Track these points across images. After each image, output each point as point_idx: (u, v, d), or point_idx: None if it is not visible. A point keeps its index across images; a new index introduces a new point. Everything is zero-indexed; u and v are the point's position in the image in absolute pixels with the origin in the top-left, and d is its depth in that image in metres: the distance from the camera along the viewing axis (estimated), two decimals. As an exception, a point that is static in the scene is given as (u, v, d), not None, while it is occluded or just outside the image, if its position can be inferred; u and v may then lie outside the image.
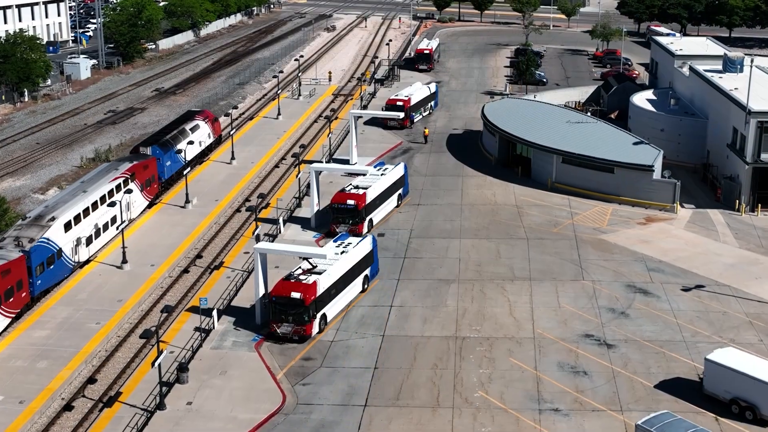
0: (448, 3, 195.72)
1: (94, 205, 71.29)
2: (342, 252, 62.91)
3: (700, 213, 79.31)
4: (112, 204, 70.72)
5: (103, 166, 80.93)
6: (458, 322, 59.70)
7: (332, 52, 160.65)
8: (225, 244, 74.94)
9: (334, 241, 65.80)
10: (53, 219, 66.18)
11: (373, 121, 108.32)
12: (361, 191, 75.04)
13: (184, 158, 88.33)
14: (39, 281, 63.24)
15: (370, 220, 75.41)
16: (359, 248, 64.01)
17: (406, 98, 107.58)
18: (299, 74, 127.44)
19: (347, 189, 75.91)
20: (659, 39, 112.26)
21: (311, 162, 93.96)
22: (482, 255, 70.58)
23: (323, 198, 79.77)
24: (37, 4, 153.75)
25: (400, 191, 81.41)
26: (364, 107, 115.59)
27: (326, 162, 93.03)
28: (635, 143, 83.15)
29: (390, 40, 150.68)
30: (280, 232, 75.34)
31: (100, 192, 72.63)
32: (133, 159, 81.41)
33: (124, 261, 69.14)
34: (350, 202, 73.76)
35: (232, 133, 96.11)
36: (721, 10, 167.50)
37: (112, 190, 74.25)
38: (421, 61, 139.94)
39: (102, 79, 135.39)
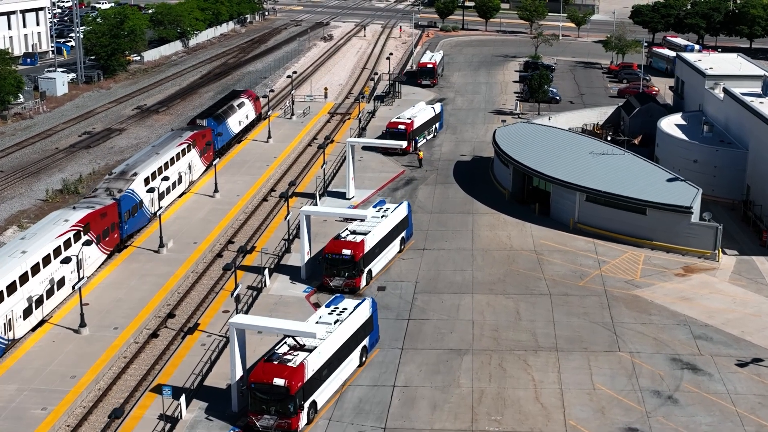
0: (451, 11, 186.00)
1: (165, 165, 79.95)
2: (336, 321, 53.11)
3: (745, 261, 69.54)
4: (179, 167, 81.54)
5: (168, 133, 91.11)
6: (474, 409, 49.89)
7: (329, 64, 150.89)
8: (201, 300, 65.11)
9: (327, 306, 55.97)
10: (135, 174, 75.18)
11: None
12: (358, 238, 65.24)
13: (232, 131, 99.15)
14: (126, 225, 72.32)
15: (369, 272, 65.63)
16: (356, 315, 54.22)
17: (409, 121, 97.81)
18: (292, 91, 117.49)
19: (342, 235, 66.12)
20: (686, 56, 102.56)
21: (302, 195, 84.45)
22: (499, 316, 60.79)
23: (316, 242, 70.14)
24: (14, 12, 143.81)
25: (403, 234, 71.64)
26: (363, 129, 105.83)
27: (320, 195, 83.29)
28: (670, 180, 73.37)
29: (390, 54, 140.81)
30: (264, 285, 65.47)
31: (169, 154, 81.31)
32: (193, 129, 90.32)
33: (82, 324, 59.27)
34: (346, 251, 63.97)
35: (215, 162, 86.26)
36: (741, 19, 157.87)
37: (178, 153, 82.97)
38: (424, 76, 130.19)
39: (80, 95, 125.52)
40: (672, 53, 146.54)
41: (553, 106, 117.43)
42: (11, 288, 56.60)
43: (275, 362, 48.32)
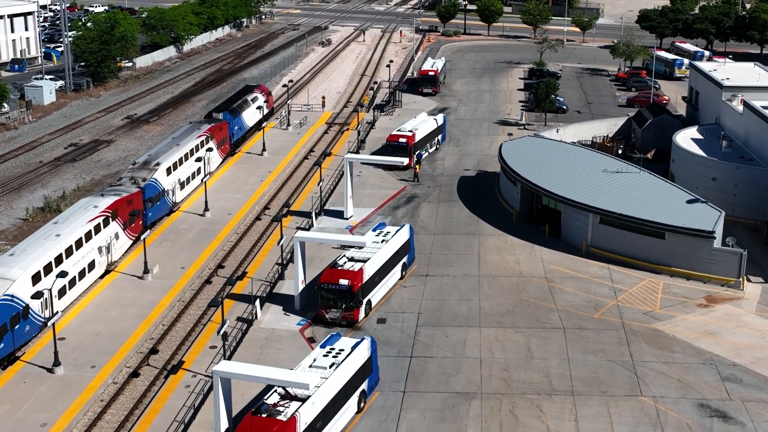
0: (453, 14, 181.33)
1: (186, 156, 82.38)
2: (331, 365, 48.36)
3: (771, 289, 64.94)
4: (198, 159, 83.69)
5: (187, 126, 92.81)
6: (484, 465, 45.25)
7: (327, 71, 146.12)
8: (187, 333, 60.31)
9: (322, 347, 51.19)
10: (158, 164, 77.57)
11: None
12: (357, 266, 60.51)
13: (247, 125, 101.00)
14: (150, 213, 74.74)
15: (368, 303, 60.92)
16: (354, 358, 49.50)
17: (410, 133, 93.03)
18: (288, 101, 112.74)
19: (339, 263, 61.37)
20: (701, 65, 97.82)
21: (297, 213, 79.80)
22: (509, 353, 56.06)
23: (311, 267, 65.54)
24: (1, 17, 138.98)
25: (404, 260, 66.92)
26: (362, 141, 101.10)
27: (316, 214, 78.59)
28: (690, 201, 68.63)
29: (391, 61, 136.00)
30: (255, 317, 60.71)
31: (189, 146, 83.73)
32: (210, 122, 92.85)
33: (56, 362, 54.50)
34: (343, 282, 59.21)
35: (205, 179, 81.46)
36: (752, 25, 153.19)
37: (197, 144, 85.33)
38: (425, 84, 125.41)
39: (68, 104, 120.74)
40: (670, 56, 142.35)
41: (560, 116, 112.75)
42: (48, 269, 59.01)
43: (263, 415, 43.56)
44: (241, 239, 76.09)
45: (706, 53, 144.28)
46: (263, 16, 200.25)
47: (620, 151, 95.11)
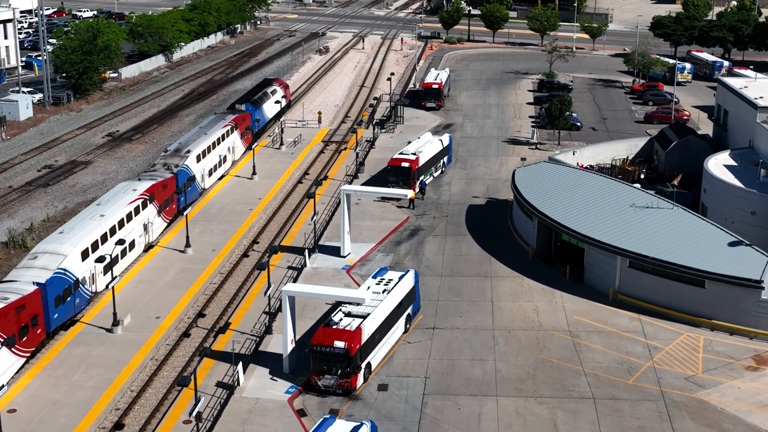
0: (456, 20, 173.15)
1: (213, 144, 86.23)
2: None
3: (827, 347, 56.96)
4: (229, 148, 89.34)
5: (212, 116, 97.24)
6: None
7: (324, 82, 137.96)
8: (159, 402, 52.30)
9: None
10: (189, 152, 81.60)
11: (373, 183, 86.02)
12: (354, 324, 52.57)
13: (267, 116, 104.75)
14: (182, 198, 78.26)
15: (368, 366, 52.97)
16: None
17: (414, 156, 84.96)
18: (281, 118, 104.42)
19: (335, 319, 53.34)
20: (730, 82, 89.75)
21: (289, 249, 71.92)
22: (532, 430, 48.07)
23: (302, 318, 57.71)
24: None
25: (408, 310, 58.96)
26: (361, 164, 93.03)
27: (309, 251, 70.61)
28: (732, 244, 60.62)
29: (392, 74, 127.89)
30: (237, 383, 52.69)
31: (216, 135, 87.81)
32: (234, 112, 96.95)
33: (3, 446, 46.77)
34: (339, 344, 51.25)
35: (186, 212, 73.39)
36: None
37: (224, 134, 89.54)
38: (428, 98, 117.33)
39: (46, 119, 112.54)
40: (671, 60, 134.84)
41: (574, 133, 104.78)
42: (94, 246, 62.68)
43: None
44: (225, 281, 68.09)
45: (726, 63, 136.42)
46: (258, 22, 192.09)
47: (642, 176, 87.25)
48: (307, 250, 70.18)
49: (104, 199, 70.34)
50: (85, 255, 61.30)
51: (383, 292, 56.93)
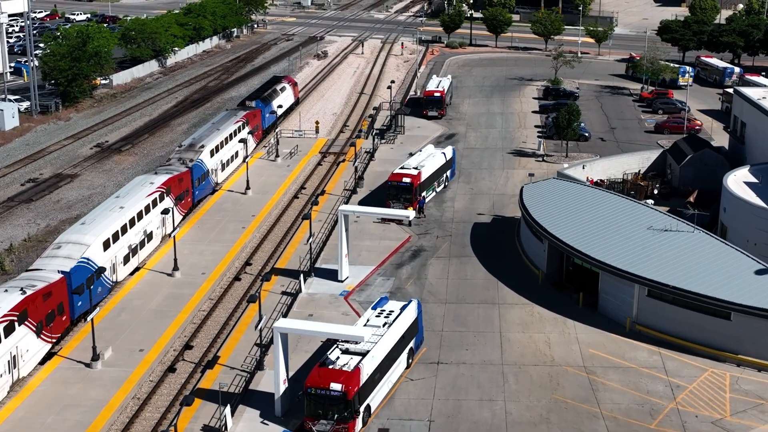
0: (458, 24, 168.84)
1: (225, 140, 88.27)
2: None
3: None
4: (242, 140, 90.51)
5: (224, 113, 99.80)
6: None
7: (321, 88, 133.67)
8: (140, 448, 48.14)
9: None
10: (203, 146, 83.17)
11: (372, 198, 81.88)
12: (353, 363, 48.32)
13: (276, 114, 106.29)
14: (197, 191, 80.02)
15: (367, 408, 48.72)
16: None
17: (416, 171, 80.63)
18: (277, 128, 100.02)
19: (331, 357, 49.10)
20: (747, 93, 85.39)
21: (283, 272, 67.78)
22: (547, 485, 43.89)
23: (297, 352, 53.51)
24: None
25: (411, 344, 54.71)
26: (360, 178, 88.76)
27: (305, 277, 66.40)
28: (760, 272, 56.35)
29: (392, 81, 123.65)
30: (225, 427, 48.40)
31: (229, 130, 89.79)
32: (245, 109, 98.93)
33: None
34: (335, 386, 46.99)
35: (173, 233, 69.03)
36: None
37: (235, 129, 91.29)
38: (430, 107, 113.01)
39: (33, 128, 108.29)
40: (671, 64, 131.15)
41: (582, 144, 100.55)
42: (115, 236, 64.69)
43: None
44: (214, 308, 63.77)
45: (737, 70, 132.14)
46: (255, 25, 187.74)
47: (656, 192, 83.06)
48: (302, 275, 65.91)
49: (123, 191, 72.11)
50: (106, 245, 63.22)
51: (384, 325, 52.67)
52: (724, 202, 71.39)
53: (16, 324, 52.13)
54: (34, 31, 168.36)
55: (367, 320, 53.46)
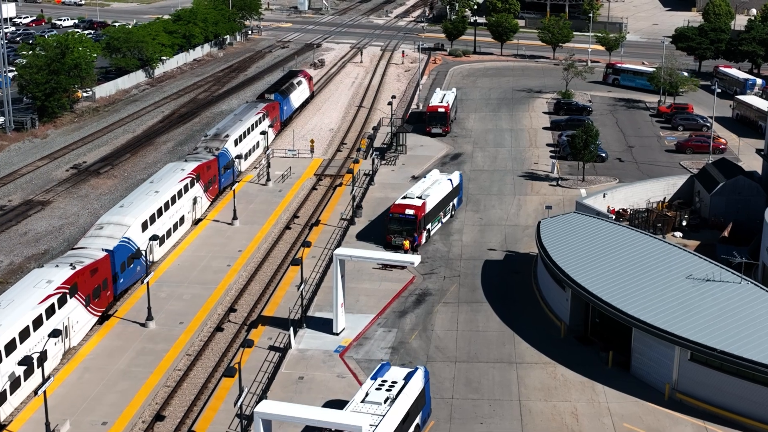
0: (462, 31, 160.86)
1: (248, 130, 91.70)
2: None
3: None
4: (263, 132, 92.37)
5: (245, 104, 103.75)
6: None
7: (318, 101, 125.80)
8: None
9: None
10: (227, 136, 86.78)
11: (372, 229, 74.13)
12: (348, 453, 40.50)
13: (294, 106, 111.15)
14: (222, 179, 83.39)
15: (366, 507, 40.90)
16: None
17: (420, 202, 72.84)
18: (268, 150, 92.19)
19: (323, 447, 41.32)
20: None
21: (271, 320, 59.87)
22: None
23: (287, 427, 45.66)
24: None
25: (417, 420, 46.91)
26: (358, 207, 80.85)
27: (295, 330, 58.59)
28: (821, 334, 48.62)
29: (393, 97, 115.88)
30: None
31: (251, 121, 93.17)
32: (264, 101, 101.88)
33: None
34: (327, 485, 39.20)
35: (147, 279, 61.10)
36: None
37: (257, 120, 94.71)
38: (434, 123, 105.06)
39: (6, 147, 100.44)
40: (649, 69, 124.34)
41: (599, 165, 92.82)
42: (152, 219, 68.06)
43: None
44: (192, 367, 56.05)
45: (759, 81, 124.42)
46: (250, 32, 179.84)
47: (684, 223, 75.38)
48: (292, 328, 58.07)
49: (156, 177, 75.62)
50: (144, 227, 66.60)
51: (385, 401, 44.90)
52: (766, 240, 63.58)
53: (68, 296, 55.48)
54: (18, 38, 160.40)
55: (366, 394, 45.72)
